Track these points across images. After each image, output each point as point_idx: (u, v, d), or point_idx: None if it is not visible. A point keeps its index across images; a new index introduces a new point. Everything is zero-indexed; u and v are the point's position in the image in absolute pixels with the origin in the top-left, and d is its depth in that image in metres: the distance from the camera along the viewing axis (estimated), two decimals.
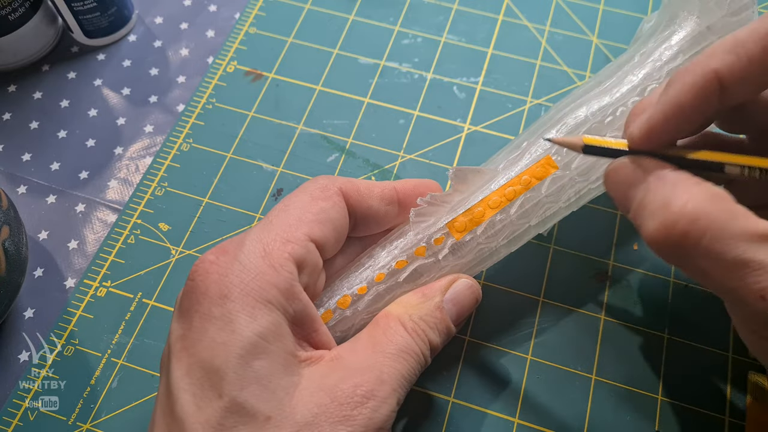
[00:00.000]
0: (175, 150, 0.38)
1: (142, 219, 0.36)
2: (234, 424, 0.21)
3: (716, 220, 0.20)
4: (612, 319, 0.32)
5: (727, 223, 0.20)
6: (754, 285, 0.20)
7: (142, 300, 0.33)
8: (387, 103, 0.39)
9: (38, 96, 0.40)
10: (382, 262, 0.27)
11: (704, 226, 0.20)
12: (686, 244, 0.21)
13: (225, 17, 0.43)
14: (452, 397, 0.30)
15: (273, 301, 0.22)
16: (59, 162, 0.38)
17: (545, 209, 0.28)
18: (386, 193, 0.28)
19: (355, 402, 0.22)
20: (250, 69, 0.41)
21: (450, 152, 0.37)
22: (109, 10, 0.40)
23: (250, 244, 0.23)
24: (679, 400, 0.30)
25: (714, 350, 0.31)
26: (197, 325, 0.22)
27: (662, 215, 0.21)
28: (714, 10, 0.29)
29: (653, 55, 0.30)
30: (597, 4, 0.42)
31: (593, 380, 0.31)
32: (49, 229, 0.36)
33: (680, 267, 0.22)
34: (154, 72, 0.41)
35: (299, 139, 0.38)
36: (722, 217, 0.20)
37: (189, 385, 0.21)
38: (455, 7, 0.43)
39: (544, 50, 0.41)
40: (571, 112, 0.29)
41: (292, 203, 0.26)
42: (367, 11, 0.43)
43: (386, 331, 0.25)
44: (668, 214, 0.21)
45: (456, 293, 0.27)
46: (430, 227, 0.28)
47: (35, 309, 0.33)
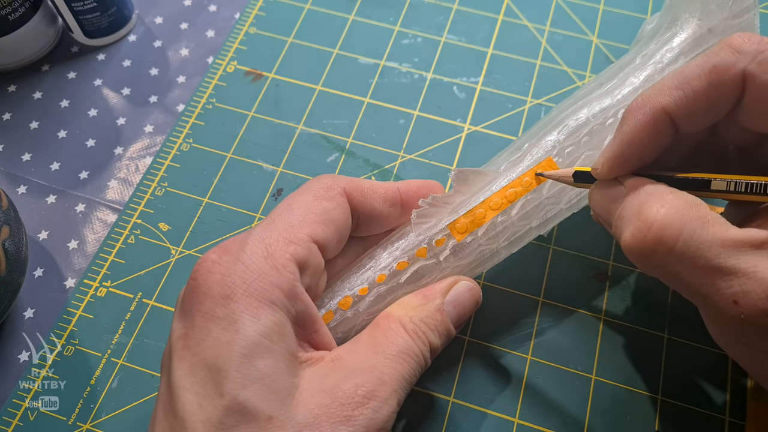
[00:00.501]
0: (175, 150, 0.38)
1: (142, 219, 0.35)
2: (235, 423, 0.21)
3: (689, 227, 0.21)
4: (612, 319, 0.32)
5: (700, 229, 0.21)
6: (726, 290, 0.20)
7: (142, 300, 0.33)
8: (387, 103, 0.39)
9: (38, 96, 0.40)
10: (384, 263, 0.27)
11: (677, 231, 0.21)
12: (660, 249, 0.21)
13: (225, 17, 0.43)
14: (452, 397, 0.30)
15: (276, 302, 0.22)
16: (59, 162, 0.38)
17: (546, 211, 0.28)
18: (389, 195, 0.28)
19: (356, 402, 0.22)
20: (250, 69, 0.41)
21: (450, 152, 0.37)
22: (109, 10, 0.40)
23: (253, 244, 0.23)
24: (679, 400, 0.30)
25: (714, 350, 0.31)
26: (199, 324, 0.22)
27: (636, 222, 0.22)
28: (715, 12, 0.29)
29: (654, 57, 0.30)
30: (597, 4, 0.42)
31: (593, 380, 0.31)
32: (49, 229, 0.36)
33: (656, 275, 0.23)
34: (154, 72, 0.41)
35: (299, 139, 0.38)
36: (695, 224, 0.21)
37: (191, 383, 0.21)
38: (455, 7, 0.43)
39: (544, 50, 0.41)
40: (572, 113, 0.29)
41: (296, 202, 0.26)
42: (367, 11, 0.43)
43: (387, 333, 0.25)
44: (642, 219, 0.22)
45: (457, 295, 0.27)
46: (431, 228, 0.28)
47: (35, 309, 0.33)
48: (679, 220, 0.21)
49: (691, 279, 0.21)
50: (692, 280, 0.21)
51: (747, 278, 0.20)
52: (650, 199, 0.22)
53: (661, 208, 0.21)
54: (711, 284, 0.21)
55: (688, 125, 0.23)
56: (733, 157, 0.27)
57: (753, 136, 0.25)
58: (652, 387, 0.30)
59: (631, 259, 0.23)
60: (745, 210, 0.24)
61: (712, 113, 0.23)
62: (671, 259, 0.21)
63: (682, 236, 0.21)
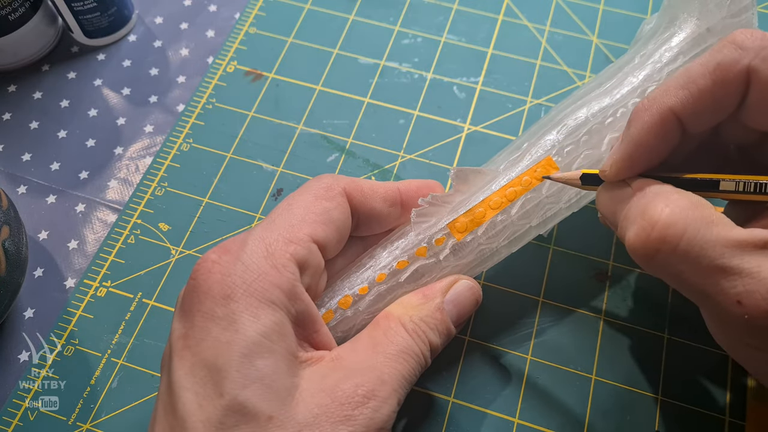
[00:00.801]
0: (175, 150, 0.38)
1: (142, 219, 0.35)
2: (235, 423, 0.21)
3: (693, 226, 0.21)
4: (612, 319, 0.32)
5: (704, 229, 0.21)
6: (730, 290, 0.20)
7: (142, 300, 0.33)
8: (387, 103, 0.39)
9: (38, 96, 0.40)
10: (384, 263, 0.27)
11: (681, 231, 0.21)
12: (663, 249, 0.21)
13: (225, 17, 0.43)
14: (452, 397, 0.30)
15: (276, 302, 0.22)
16: (59, 162, 0.38)
17: (546, 210, 0.28)
18: (390, 195, 0.28)
19: (356, 402, 0.22)
20: (250, 69, 0.41)
21: (450, 152, 0.37)
22: (109, 10, 0.40)
23: (253, 244, 0.23)
24: (679, 400, 0.30)
25: (714, 350, 0.31)
26: (200, 324, 0.22)
27: (641, 221, 0.22)
28: (714, 11, 0.29)
29: (653, 56, 0.30)
30: (597, 4, 0.42)
31: (593, 380, 0.31)
32: (49, 229, 0.36)
33: (659, 275, 0.23)
34: (154, 72, 0.41)
35: (299, 139, 0.38)
36: (699, 224, 0.21)
37: (191, 383, 0.21)
38: (455, 7, 0.43)
39: (544, 50, 0.41)
40: (571, 113, 0.29)
41: (296, 202, 0.26)
42: (367, 11, 0.43)
43: (387, 332, 0.25)
44: (646, 219, 0.22)
45: (457, 294, 0.27)
46: (431, 227, 0.28)
47: (35, 309, 0.33)
48: (683, 219, 0.21)
49: (695, 279, 0.21)
50: (696, 280, 0.21)
51: (751, 278, 0.20)
52: (655, 199, 0.22)
53: (666, 208, 0.21)
54: (714, 284, 0.21)
55: (695, 125, 0.23)
56: (733, 156, 0.27)
57: (755, 135, 0.24)
58: (652, 387, 0.30)
59: (635, 258, 0.23)
60: (746, 210, 0.24)
61: (718, 111, 0.23)
62: (675, 259, 0.21)
63: (686, 236, 0.21)
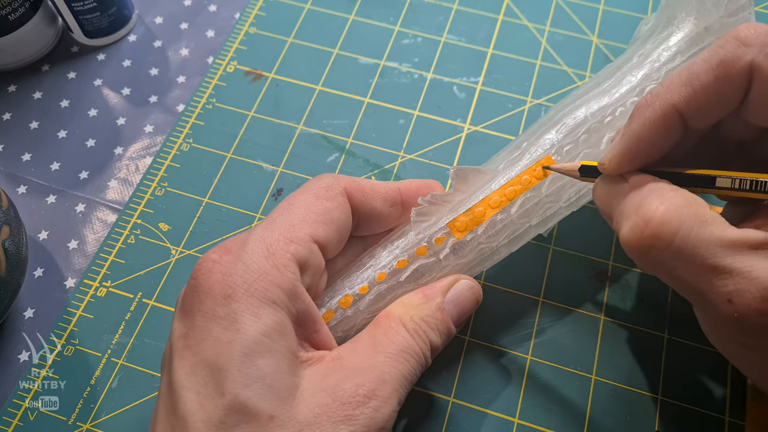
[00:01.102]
0: (175, 150, 0.38)
1: (142, 219, 0.35)
2: (236, 422, 0.21)
3: (687, 224, 0.21)
4: (612, 319, 0.32)
5: (698, 227, 0.21)
6: (721, 289, 0.21)
7: (142, 300, 0.33)
8: (387, 103, 0.39)
9: (38, 96, 0.40)
10: (384, 262, 0.27)
11: (675, 228, 0.21)
12: (657, 245, 0.21)
13: (225, 17, 0.43)
14: (452, 397, 0.30)
15: (277, 301, 0.22)
16: (59, 162, 0.38)
17: (546, 209, 0.28)
18: (390, 194, 0.28)
19: (357, 402, 0.22)
20: (250, 69, 0.41)
21: (450, 152, 0.37)
22: (109, 10, 0.40)
23: (254, 244, 0.23)
24: (679, 400, 0.30)
25: (714, 350, 0.31)
26: (200, 323, 0.22)
27: (635, 217, 0.22)
28: (711, 11, 0.29)
29: (651, 56, 0.30)
30: (597, 4, 0.42)
31: (593, 380, 0.31)
32: (49, 229, 0.36)
33: (653, 271, 0.23)
34: (154, 72, 0.41)
35: (299, 139, 0.38)
36: (693, 222, 0.21)
37: (192, 383, 0.21)
38: (455, 7, 0.43)
39: (544, 50, 0.41)
40: (570, 112, 0.29)
41: (296, 202, 0.26)
42: (367, 11, 0.43)
43: (387, 332, 0.25)
44: (641, 215, 0.22)
45: (457, 294, 0.27)
46: (431, 227, 0.28)
47: (35, 309, 0.33)
48: (678, 217, 0.21)
49: (687, 276, 0.21)
50: (688, 278, 0.21)
51: (742, 278, 0.20)
52: (651, 195, 0.22)
53: (660, 205, 0.22)
54: (706, 282, 0.21)
55: (697, 121, 0.23)
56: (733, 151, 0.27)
57: (755, 131, 0.24)
58: (652, 387, 0.30)
59: (629, 254, 0.23)
60: (744, 209, 0.24)
61: (721, 108, 0.23)
62: (668, 256, 0.21)
63: (679, 233, 0.21)
